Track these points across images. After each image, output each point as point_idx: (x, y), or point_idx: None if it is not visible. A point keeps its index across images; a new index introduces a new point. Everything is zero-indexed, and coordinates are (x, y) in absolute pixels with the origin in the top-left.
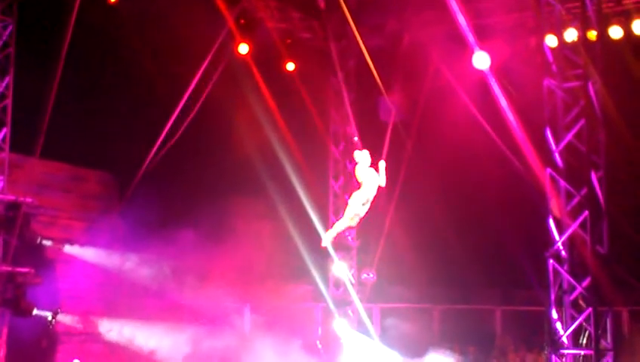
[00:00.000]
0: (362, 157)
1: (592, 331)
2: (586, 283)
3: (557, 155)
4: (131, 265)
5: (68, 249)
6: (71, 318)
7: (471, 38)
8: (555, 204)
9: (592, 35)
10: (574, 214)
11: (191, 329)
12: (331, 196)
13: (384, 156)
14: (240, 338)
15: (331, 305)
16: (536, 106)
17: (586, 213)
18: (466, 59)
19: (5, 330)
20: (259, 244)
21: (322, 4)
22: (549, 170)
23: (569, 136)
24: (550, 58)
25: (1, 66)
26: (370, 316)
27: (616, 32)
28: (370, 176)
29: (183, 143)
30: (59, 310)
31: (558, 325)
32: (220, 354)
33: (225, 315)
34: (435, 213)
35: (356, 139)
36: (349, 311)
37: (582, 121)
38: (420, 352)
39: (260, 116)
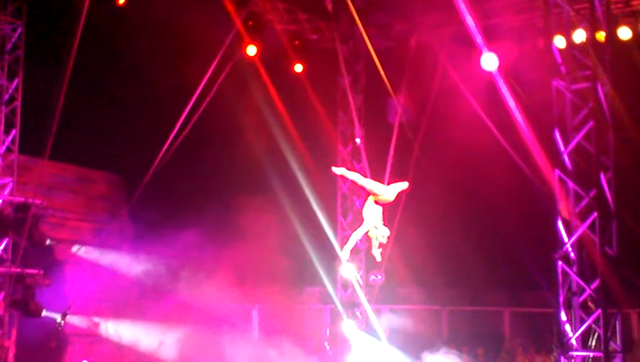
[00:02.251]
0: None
1: (602, 333)
2: (595, 284)
3: (566, 157)
4: (139, 266)
5: (77, 250)
6: (80, 319)
7: (479, 39)
8: (563, 206)
9: (601, 36)
10: (583, 216)
11: (199, 331)
12: (339, 197)
13: (391, 159)
14: (248, 339)
15: (339, 307)
16: (545, 108)
17: (595, 214)
18: (474, 61)
19: (15, 331)
20: (267, 246)
21: (330, 6)
22: (557, 171)
23: (578, 138)
24: (559, 59)
25: (11, 69)
26: (378, 317)
27: (625, 33)
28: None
29: (191, 144)
30: (68, 311)
31: (567, 327)
32: (228, 355)
33: (233, 317)
34: (443, 215)
35: (359, 141)
36: (358, 313)
37: (591, 123)
38: (425, 352)
39: (268, 118)
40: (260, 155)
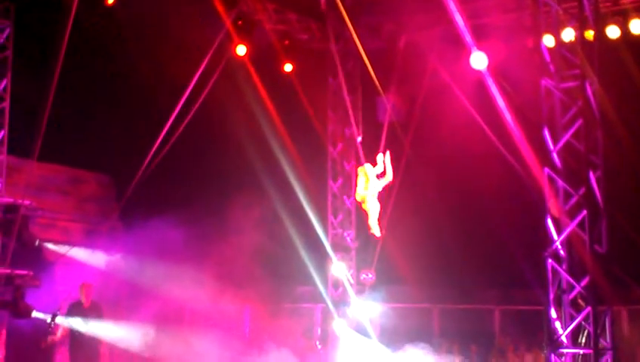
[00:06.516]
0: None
1: (591, 330)
2: (584, 282)
3: (555, 155)
4: (130, 266)
5: (67, 251)
6: (70, 320)
7: (468, 38)
8: (553, 204)
9: (590, 34)
10: (572, 214)
11: (190, 332)
12: (330, 197)
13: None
14: (240, 339)
15: (330, 306)
16: (534, 106)
17: (585, 212)
18: (463, 60)
19: (4, 332)
20: (258, 245)
21: (323, 5)
22: (546, 169)
23: (567, 136)
24: (547, 58)
25: None
26: (369, 316)
27: (613, 32)
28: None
29: (182, 145)
30: (58, 312)
31: (557, 324)
32: (219, 355)
33: (224, 316)
34: (433, 213)
35: (360, 139)
36: (348, 312)
37: (579, 121)
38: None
39: (258, 118)
40: (251, 155)
